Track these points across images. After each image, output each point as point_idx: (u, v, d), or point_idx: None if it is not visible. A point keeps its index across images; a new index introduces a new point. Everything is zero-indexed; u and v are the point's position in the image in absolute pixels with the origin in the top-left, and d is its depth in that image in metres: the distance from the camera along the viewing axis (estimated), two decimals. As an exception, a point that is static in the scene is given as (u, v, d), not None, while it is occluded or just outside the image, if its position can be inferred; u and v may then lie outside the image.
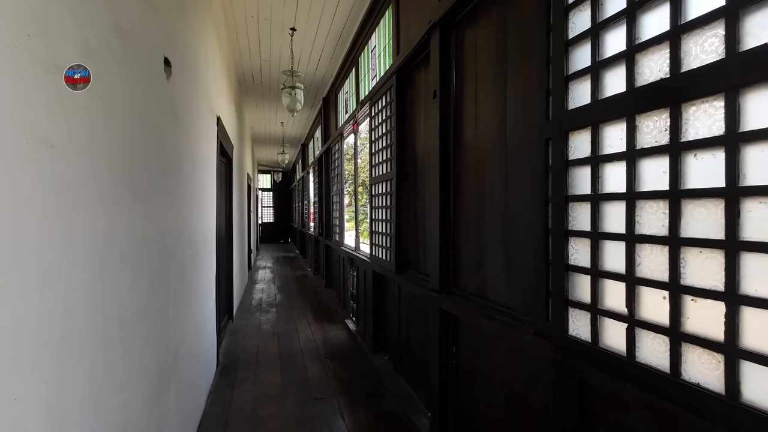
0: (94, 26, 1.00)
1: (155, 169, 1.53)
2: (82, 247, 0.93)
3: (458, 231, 2.09)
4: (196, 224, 2.36)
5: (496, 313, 1.69)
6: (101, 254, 1.04)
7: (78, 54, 0.92)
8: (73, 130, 0.89)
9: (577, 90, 1.19)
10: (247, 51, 4.86)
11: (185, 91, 2.09)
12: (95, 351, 1.01)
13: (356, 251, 4.36)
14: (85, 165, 0.95)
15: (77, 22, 0.92)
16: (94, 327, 1.00)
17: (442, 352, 2.14)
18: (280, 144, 10.25)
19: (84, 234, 0.94)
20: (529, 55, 1.49)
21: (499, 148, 1.72)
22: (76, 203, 0.91)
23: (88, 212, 0.96)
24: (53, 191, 0.82)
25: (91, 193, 0.98)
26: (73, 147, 0.89)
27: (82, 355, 0.94)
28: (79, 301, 0.92)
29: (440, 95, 2.11)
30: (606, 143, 1.09)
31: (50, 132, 0.80)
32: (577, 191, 1.19)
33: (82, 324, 0.94)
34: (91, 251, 0.98)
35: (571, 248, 1.20)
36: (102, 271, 1.04)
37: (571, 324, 1.20)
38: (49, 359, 0.79)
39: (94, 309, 0.99)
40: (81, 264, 0.92)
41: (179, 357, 1.92)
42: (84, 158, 0.94)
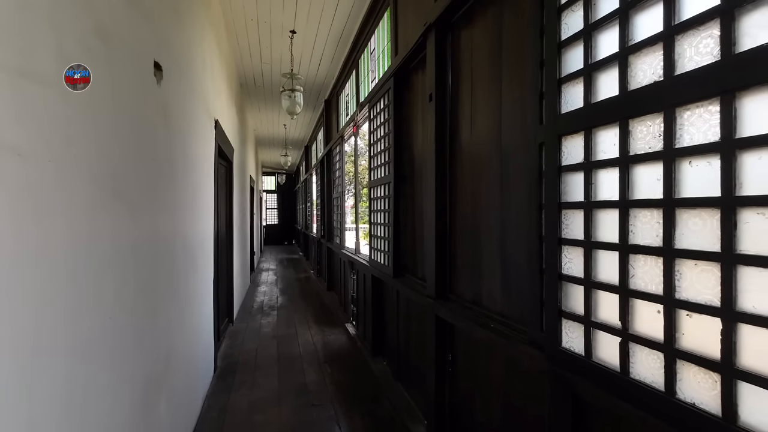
0: (71, 29, 0.98)
1: (144, 174, 1.51)
2: (57, 255, 0.90)
3: (454, 236, 2.05)
4: (191, 228, 2.34)
5: (491, 321, 1.64)
6: (81, 262, 1.02)
7: (52, 58, 0.90)
8: (45, 137, 0.87)
9: (570, 93, 1.15)
10: (248, 54, 4.86)
11: (179, 95, 2.07)
12: (73, 363, 0.98)
13: (356, 254, 4.33)
14: (61, 171, 0.92)
15: (51, 25, 0.90)
16: (72, 338, 0.98)
17: (438, 360, 2.10)
18: (283, 146, 10.26)
19: (60, 242, 0.92)
20: (524, 57, 1.45)
21: (494, 151, 1.68)
22: (51, 210, 0.88)
23: (65, 219, 0.94)
24: (21, 199, 0.79)
25: (70, 200, 0.96)
26: (46, 154, 0.87)
27: (57, 370, 0.91)
28: (54, 311, 0.90)
29: (436, 97, 2.08)
30: (599, 149, 1.05)
31: (17, 140, 0.77)
32: (571, 198, 1.14)
33: (57, 336, 0.91)
34: (69, 259, 0.96)
35: (565, 257, 1.16)
36: (82, 280, 1.02)
37: (565, 336, 1.16)
38: (14, 379, 0.76)
39: (71, 319, 0.97)
40: (56, 273, 0.90)
41: (171, 364, 1.90)
42: (59, 165, 0.91)
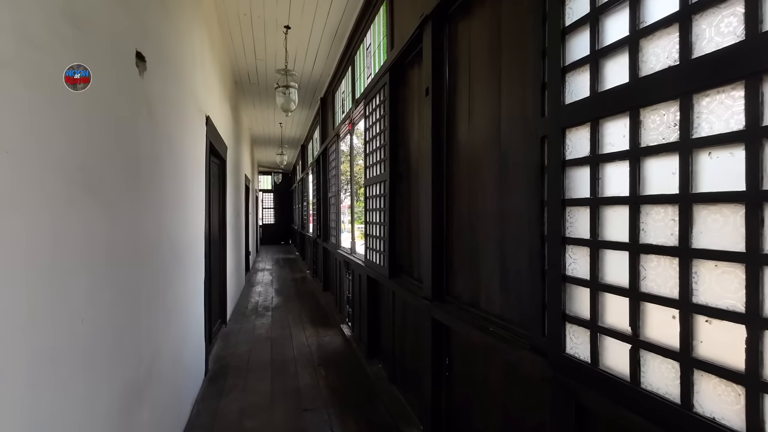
0: (34, 8, 0.90)
1: (123, 169, 1.43)
2: (12, 256, 0.82)
3: (451, 235, 1.98)
4: (179, 228, 2.26)
5: (489, 324, 1.57)
6: (44, 261, 0.94)
7: (11, 39, 0.82)
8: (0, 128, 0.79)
9: (575, 82, 1.08)
10: (242, 50, 4.77)
11: (165, 88, 1.99)
12: (37, 372, 0.90)
13: (352, 254, 4.25)
14: (19, 165, 0.84)
15: (11, 6, 0.82)
16: (35, 345, 0.89)
17: (435, 363, 2.02)
18: (279, 145, 10.16)
19: (17, 241, 0.84)
20: (525, 47, 1.38)
21: (493, 147, 1.61)
22: (5, 204, 0.80)
23: (24, 216, 0.86)
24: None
25: (30, 196, 0.88)
26: (2, 143, 0.79)
27: (16, 379, 0.83)
28: (10, 317, 0.82)
29: (432, 92, 2.00)
30: (607, 141, 0.98)
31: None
32: (576, 194, 1.07)
33: (15, 341, 0.83)
34: (28, 258, 0.88)
35: (569, 257, 1.09)
36: (46, 282, 0.94)
37: (569, 341, 1.09)
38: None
39: (34, 324, 0.89)
40: (12, 276, 0.82)
41: (156, 368, 1.81)
42: (16, 157, 0.83)
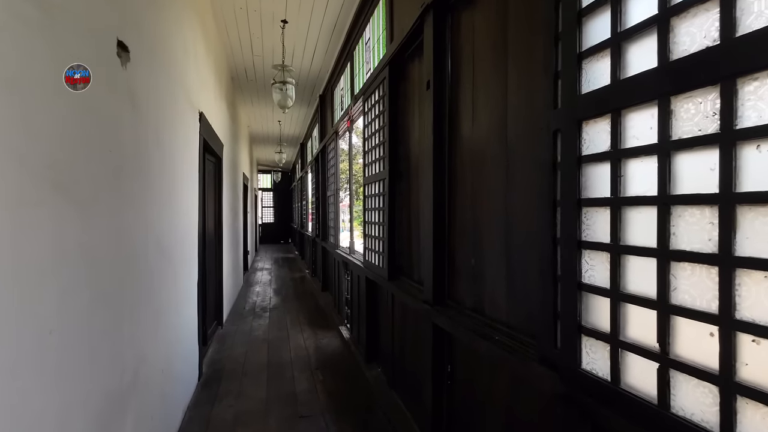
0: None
1: (102, 166, 1.32)
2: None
3: (453, 236, 1.88)
4: (167, 227, 2.16)
5: (494, 332, 1.47)
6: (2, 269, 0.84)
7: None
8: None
9: (592, 70, 0.98)
10: (238, 46, 4.66)
11: (152, 80, 1.88)
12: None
13: (350, 255, 4.15)
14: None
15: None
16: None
17: (435, 371, 1.92)
18: (277, 143, 10.05)
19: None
20: (535, 33, 1.28)
21: (499, 142, 1.51)
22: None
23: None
24: None
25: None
26: (-59, 136, 0.69)
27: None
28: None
29: (434, 85, 1.90)
30: (630, 134, 0.88)
31: None
32: (593, 194, 0.97)
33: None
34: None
35: (585, 263, 0.99)
36: (3, 290, 0.84)
37: (585, 356, 0.99)
38: None
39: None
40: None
41: (142, 376, 1.72)
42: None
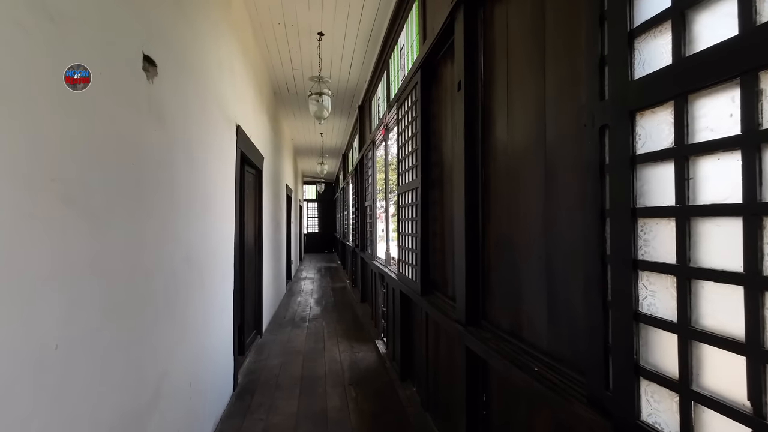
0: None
1: (120, 179, 1.32)
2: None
3: (488, 250, 1.70)
4: (198, 239, 2.17)
5: (534, 362, 1.28)
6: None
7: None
8: None
9: (648, 49, 0.79)
10: (278, 60, 4.78)
11: (182, 94, 1.91)
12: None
13: (386, 266, 4.03)
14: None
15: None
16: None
17: (470, 399, 1.74)
18: (320, 155, 10.26)
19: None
20: (576, 15, 1.10)
21: (536, 144, 1.33)
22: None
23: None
24: None
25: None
26: None
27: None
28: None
29: (465, 85, 1.75)
30: (701, 125, 0.69)
31: None
32: (652, 201, 0.78)
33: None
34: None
35: (643, 287, 0.80)
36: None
37: (646, 404, 0.79)
38: None
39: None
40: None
41: (165, 390, 1.70)
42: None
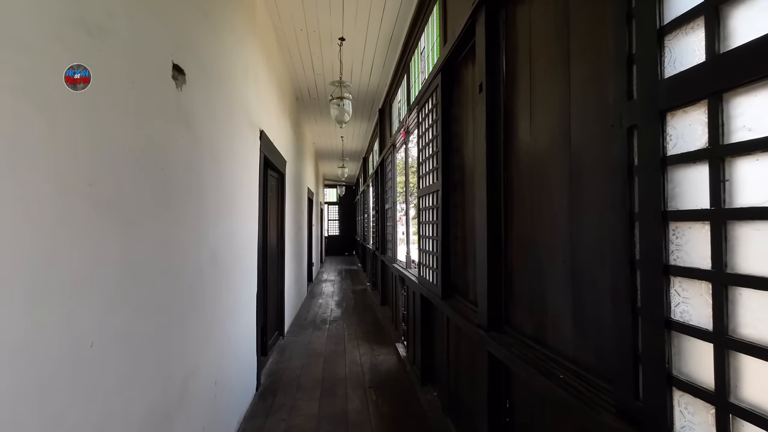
0: (31, 15, 0.84)
1: (151, 183, 1.37)
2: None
3: (511, 253, 1.67)
4: (223, 241, 2.23)
5: (559, 368, 1.25)
6: (36, 284, 0.86)
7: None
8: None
9: (679, 47, 0.77)
10: (300, 66, 4.87)
11: (208, 101, 1.97)
12: (20, 406, 0.82)
13: (406, 269, 4.02)
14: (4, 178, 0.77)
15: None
16: (11, 376, 0.81)
17: (492, 406, 1.71)
18: (341, 158, 10.36)
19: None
20: (601, 15, 1.08)
21: (561, 146, 1.30)
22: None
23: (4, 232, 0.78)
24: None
25: (10, 211, 0.81)
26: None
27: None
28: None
29: (487, 87, 1.73)
30: (737, 124, 0.66)
31: None
32: (684, 204, 0.75)
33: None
34: (6, 284, 0.79)
35: (676, 294, 0.76)
36: (37, 305, 0.86)
37: (679, 416, 0.75)
38: None
39: (14, 354, 0.81)
40: None
41: (191, 388, 1.75)
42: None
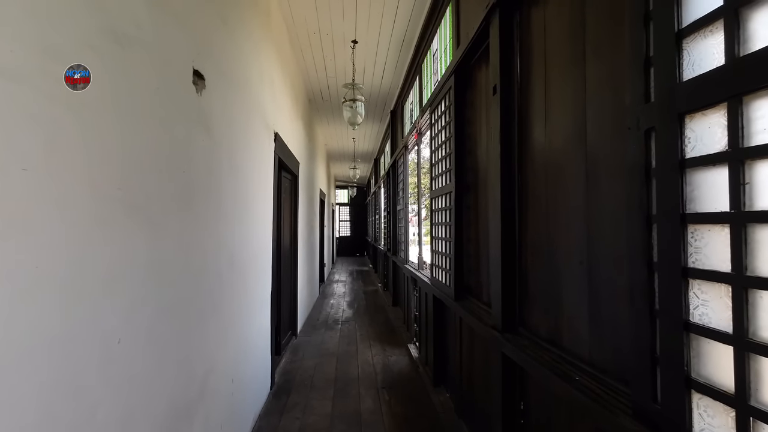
0: (64, 25, 0.88)
1: (174, 186, 1.42)
2: (21, 280, 0.78)
3: (525, 255, 1.67)
4: (240, 241, 2.28)
5: (575, 370, 1.25)
6: (72, 283, 0.90)
7: (33, 52, 0.80)
8: (13, 144, 0.76)
9: (697, 50, 0.77)
10: (313, 69, 4.93)
11: (226, 105, 2.02)
12: (57, 399, 0.86)
13: (419, 271, 4.03)
14: (39, 181, 0.81)
15: (34, 19, 0.80)
16: (49, 371, 0.85)
17: (506, 407, 1.71)
18: (352, 160, 10.42)
19: (25, 260, 0.79)
20: (618, 18, 1.08)
21: (576, 148, 1.31)
22: (14, 225, 0.77)
23: (39, 234, 0.82)
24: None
25: (49, 213, 0.85)
26: (14, 163, 0.75)
27: (27, 409, 0.79)
28: (17, 345, 0.77)
29: (501, 89, 1.74)
30: (758, 127, 0.66)
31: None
32: (703, 207, 0.75)
33: (26, 370, 0.79)
34: (46, 283, 0.84)
35: (695, 296, 0.77)
36: (72, 303, 0.90)
37: (698, 418, 0.75)
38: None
39: (51, 350, 0.85)
40: (21, 300, 0.78)
41: (211, 385, 1.79)
42: (36, 174, 0.80)
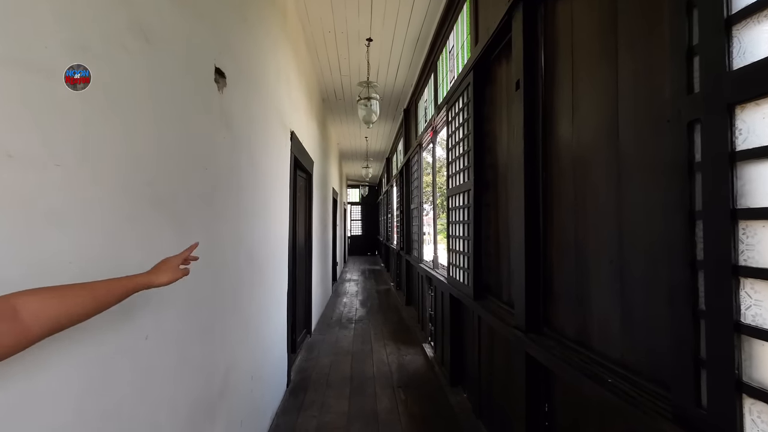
0: (94, 24, 0.88)
1: (197, 183, 1.42)
2: (60, 272, 0.78)
3: (550, 253, 1.64)
4: (259, 239, 2.28)
5: (606, 372, 1.21)
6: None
7: (63, 50, 0.80)
8: (49, 140, 0.76)
9: (749, 37, 0.73)
10: (327, 67, 4.93)
11: (246, 103, 2.02)
12: (87, 395, 0.86)
13: (434, 270, 4.00)
14: (72, 178, 0.81)
15: (58, 14, 0.79)
16: (77, 367, 0.85)
17: (530, 409, 1.67)
18: (364, 158, 10.42)
19: (61, 255, 0.80)
20: (654, 6, 1.04)
21: (606, 144, 1.27)
22: (50, 220, 0.77)
23: (73, 231, 0.82)
24: (11, 208, 0.68)
25: (82, 209, 0.85)
26: (50, 157, 0.76)
27: (66, 403, 0.79)
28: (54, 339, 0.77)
29: (525, 85, 1.70)
30: (821, 116, 0.62)
31: (7, 142, 0.67)
32: (756, 202, 0.71)
33: (54, 365, 0.79)
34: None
35: (746, 296, 0.73)
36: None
37: (751, 424, 0.72)
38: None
39: (73, 344, 0.85)
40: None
41: (231, 382, 1.80)
42: (69, 171, 0.80)
